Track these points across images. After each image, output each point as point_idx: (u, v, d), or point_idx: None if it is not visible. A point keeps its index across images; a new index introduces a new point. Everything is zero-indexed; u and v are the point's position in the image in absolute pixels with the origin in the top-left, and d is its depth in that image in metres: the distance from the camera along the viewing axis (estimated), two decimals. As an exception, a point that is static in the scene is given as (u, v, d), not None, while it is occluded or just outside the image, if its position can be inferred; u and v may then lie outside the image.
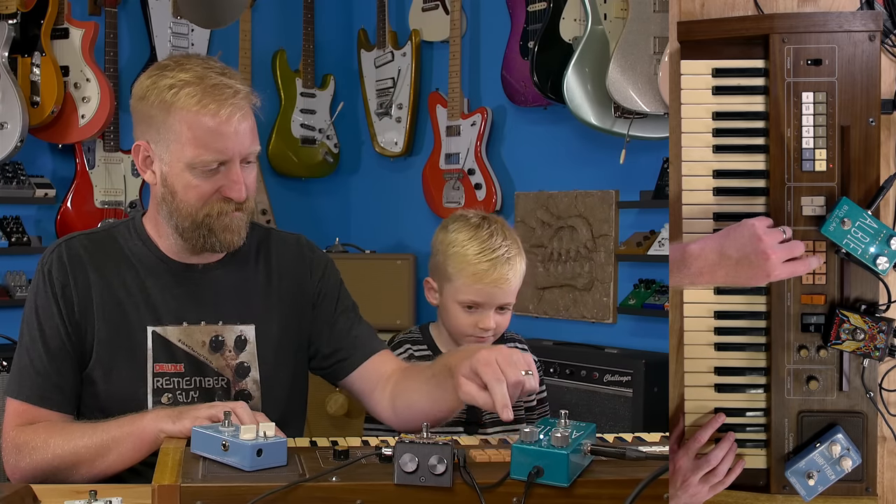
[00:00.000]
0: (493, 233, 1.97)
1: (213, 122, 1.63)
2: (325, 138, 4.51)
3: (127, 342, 1.71)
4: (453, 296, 1.98)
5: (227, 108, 1.63)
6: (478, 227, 1.98)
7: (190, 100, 1.62)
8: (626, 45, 3.21)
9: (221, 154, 1.64)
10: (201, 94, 1.62)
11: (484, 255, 1.94)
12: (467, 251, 1.95)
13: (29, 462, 1.65)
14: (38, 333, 1.71)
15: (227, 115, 1.63)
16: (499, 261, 1.94)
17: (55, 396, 1.70)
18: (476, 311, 1.97)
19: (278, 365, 1.81)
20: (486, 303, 1.96)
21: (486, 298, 1.95)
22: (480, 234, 1.96)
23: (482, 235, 1.96)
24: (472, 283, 1.95)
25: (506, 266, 1.94)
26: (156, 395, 1.71)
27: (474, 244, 1.95)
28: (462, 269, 1.96)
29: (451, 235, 2.00)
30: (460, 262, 1.96)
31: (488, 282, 1.94)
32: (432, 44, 4.32)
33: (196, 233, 1.70)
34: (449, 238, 2.00)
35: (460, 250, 1.96)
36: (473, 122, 4.03)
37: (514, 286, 1.97)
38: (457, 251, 1.97)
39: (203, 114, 1.62)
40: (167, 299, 1.74)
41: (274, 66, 4.38)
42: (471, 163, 4.03)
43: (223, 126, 1.63)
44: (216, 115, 1.62)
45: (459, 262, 1.96)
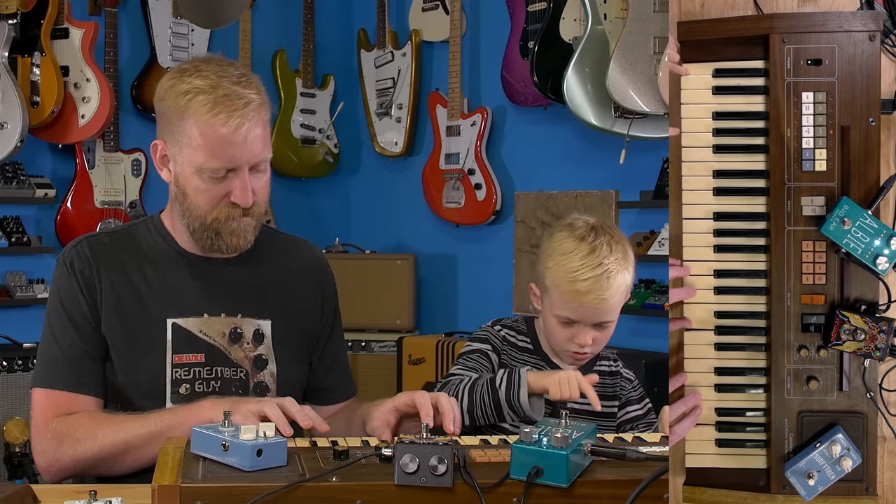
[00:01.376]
0: (596, 247, 1.84)
1: (223, 131, 1.66)
2: (325, 138, 4.51)
3: (147, 334, 1.74)
4: (550, 308, 1.89)
5: (237, 119, 1.66)
6: (582, 238, 1.86)
7: (202, 107, 1.66)
8: (626, 45, 3.21)
9: (230, 162, 1.69)
10: (213, 103, 1.66)
11: (581, 273, 1.82)
12: (566, 266, 1.84)
13: (73, 453, 1.66)
14: (67, 322, 1.74)
15: (236, 126, 1.66)
16: (598, 280, 1.81)
17: (91, 381, 1.73)
18: (573, 327, 1.87)
19: (291, 360, 1.85)
20: (582, 320, 1.86)
21: (583, 317, 1.86)
22: (581, 249, 1.84)
23: (583, 250, 1.84)
24: (568, 301, 1.84)
25: (604, 285, 1.82)
26: (174, 385, 1.74)
27: (574, 259, 1.84)
28: (559, 284, 1.85)
29: (552, 245, 1.89)
30: (558, 276, 1.85)
31: (585, 300, 1.83)
32: (432, 44, 4.33)
33: (204, 234, 1.75)
34: (551, 247, 1.89)
35: (559, 263, 1.86)
36: (473, 122, 4.03)
37: (613, 304, 1.85)
38: (555, 264, 1.86)
39: (214, 122, 1.66)
40: (188, 292, 1.79)
41: (274, 66, 4.39)
42: (471, 163, 4.03)
43: (233, 135, 1.66)
44: (226, 124, 1.66)
45: (557, 277, 1.85)
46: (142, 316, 1.75)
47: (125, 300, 1.75)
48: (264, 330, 1.82)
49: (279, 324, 1.84)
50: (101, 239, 1.81)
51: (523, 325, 2.02)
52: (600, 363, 2.01)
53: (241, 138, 1.67)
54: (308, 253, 1.97)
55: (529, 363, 1.95)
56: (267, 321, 1.83)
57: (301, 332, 1.89)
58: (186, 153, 1.70)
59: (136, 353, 1.74)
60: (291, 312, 1.87)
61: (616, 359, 2.05)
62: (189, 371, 1.74)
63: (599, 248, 1.84)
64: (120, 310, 1.74)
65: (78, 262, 1.75)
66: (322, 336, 1.93)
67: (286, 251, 1.93)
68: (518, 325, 2.02)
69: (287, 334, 1.85)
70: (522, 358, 1.95)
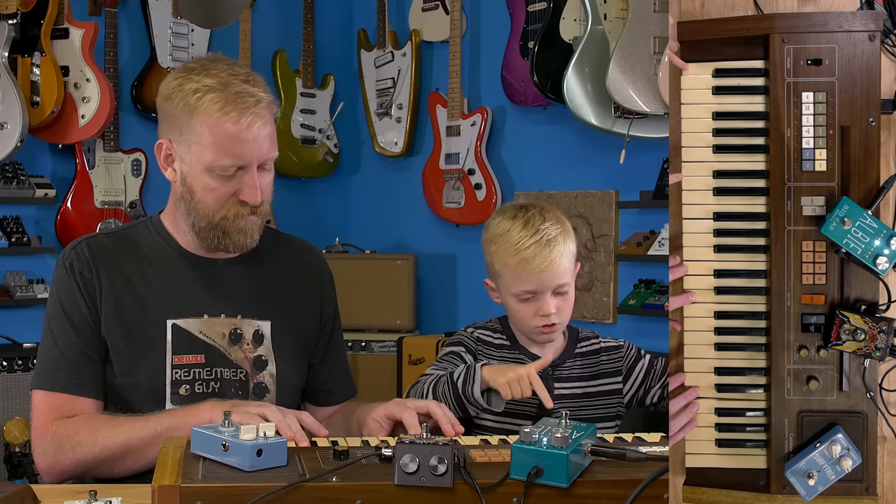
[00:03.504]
0: (529, 219, 1.92)
1: (233, 129, 1.67)
2: (325, 138, 4.51)
3: (147, 335, 1.75)
4: (507, 291, 1.94)
5: (248, 117, 1.68)
6: (514, 217, 1.94)
7: (213, 105, 1.67)
8: (626, 45, 3.21)
9: (240, 159, 1.69)
10: (224, 101, 1.67)
11: (523, 243, 1.90)
12: (507, 243, 1.92)
13: (73, 456, 1.66)
14: (67, 324, 1.74)
15: (247, 124, 1.68)
16: (540, 244, 1.89)
17: (91, 383, 1.73)
18: (533, 300, 1.92)
19: (291, 361, 1.86)
20: (538, 289, 1.91)
21: (537, 285, 1.90)
22: (516, 224, 1.92)
23: (518, 224, 1.92)
24: (518, 273, 1.90)
25: (547, 248, 1.89)
26: (174, 386, 1.74)
27: (513, 234, 1.91)
28: (506, 262, 1.92)
29: (490, 232, 1.97)
30: (503, 255, 1.92)
31: (533, 266, 1.89)
32: (432, 44, 4.32)
33: (211, 233, 1.75)
34: (489, 234, 1.97)
35: (500, 245, 1.93)
36: (473, 122, 4.03)
37: (562, 266, 1.91)
38: (497, 246, 1.94)
39: (225, 120, 1.67)
40: (188, 292, 1.79)
41: (274, 66, 4.38)
42: (471, 163, 4.03)
43: (243, 133, 1.68)
44: (237, 122, 1.67)
45: (502, 256, 1.93)
46: (141, 317, 1.75)
47: (125, 301, 1.75)
48: (264, 331, 1.82)
49: (279, 325, 1.84)
50: (100, 240, 1.81)
51: (497, 323, 2.05)
52: (581, 345, 2.01)
53: (251, 136, 1.68)
54: (308, 254, 1.97)
55: (509, 359, 1.96)
56: (266, 322, 1.83)
57: (301, 332, 1.89)
58: (195, 151, 1.70)
59: (135, 354, 1.74)
60: (291, 313, 1.87)
61: (596, 335, 2.06)
62: (189, 372, 1.74)
63: (532, 220, 1.93)
64: (120, 311, 1.74)
65: (77, 263, 1.75)
66: (323, 337, 1.93)
67: (286, 252, 1.93)
68: (492, 325, 2.04)
69: (287, 335, 1.85)
70: (501, 355, 1.96)
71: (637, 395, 2.00)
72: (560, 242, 1.91)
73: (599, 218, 3.61)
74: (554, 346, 1.98)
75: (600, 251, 3.60)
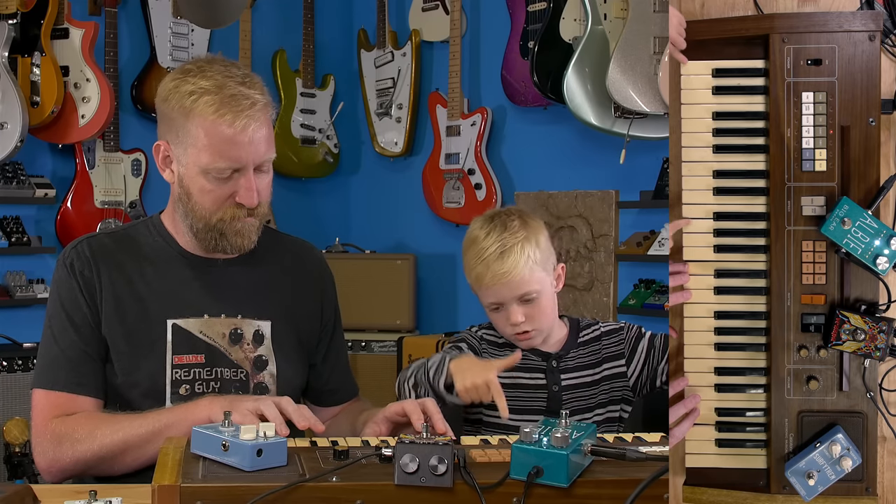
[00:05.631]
0: (492, 229, 1.93)
1: (229, 132, 1.67)
2: (325, 138, 4.51)
3: (147, 335, 1.75)
4: (482, 301, 1.97)
5: (243, 119, 1.67)
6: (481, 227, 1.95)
7: (208, 108, 1.67)
8: (626, 45, 3.21)
9: (235, 162, 1.69)
10: (219, 103, 1.67)
11: (481, 255, 1.91)
12: (470, 254, 1.94)
13: (72, 454, 1.66)
14: (67, 322, 1.74)
15: (242, 126, 1.67)
16: (493, 255, 1.90)
17: (91, 382, 1.73)
18: (501, 310, 1.93)
19: (291, 361, 1.86)
20: (500, 300, 1.92)
21: (499, 296, 1.91)
22: (482, 234, 1.94)
23: (482, 234, 1.94)
24: (479, 286, 1.93)
25: (500, 260, 1.89)
26: (174, 385, 1.74)
27: (476, 245, 1.93)
28: (469, 274, 1.95)
29: (464, 241, 1.99)
30: (467, 267, 1.95)
31: (487, 278, 1.90)
32: (432, 44, 4.33)
33: (208, 235, 1.75)
34: (463, 244, 1.99)
35: (467, 256, 1.96)
36: (473, 122, 4.03)
37: (522, 276, 1.90)
38: (466, 257, 1.96)
39: (220, 123, 1.67)
40: (188, 292, 1.79)
41: (274, 66, 4.38)
42: (471, 163, 4.03)
43: (238, 136, 1.67)
44: (232, 124, 1.67)
45: (467, 269, 1.95)
46: (142, 316, 1.75)
47: (125, 301, 1.75)
48: (264, 331, 1.82)
49: (279, 325, 1.84)
50: (101, 239, 1.81)
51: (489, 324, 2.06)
52: (583, 334, 2.01)
53: (246, 139, 1.68)
54: (308, 254, 1.97)
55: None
56: (267, 322, 1.83)
57: (301, 333, 1.89)
58: (191, 154, 1.70)
59: (136, 353, 1.74)
60: (291, 313, 1.87)
61: (597, 321, 2.06)
62: (189, 372, 1.75)
63: (494, 230, 1.93)
64: (120, 310, 1.74)
65: (78, 262, 1.75)
66: (324, 338, 1.93)
67: (286, 252, 1.93)
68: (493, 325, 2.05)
69: (287, 335, 1.85)
70: (504, 354, 1.97)
71: (643, 376, 1.99)
72: (517, 252, 1.90)
73: (599, 218, 3.61)
74: (556, 338, 1.99)
75: (600, 251, 3.61)
